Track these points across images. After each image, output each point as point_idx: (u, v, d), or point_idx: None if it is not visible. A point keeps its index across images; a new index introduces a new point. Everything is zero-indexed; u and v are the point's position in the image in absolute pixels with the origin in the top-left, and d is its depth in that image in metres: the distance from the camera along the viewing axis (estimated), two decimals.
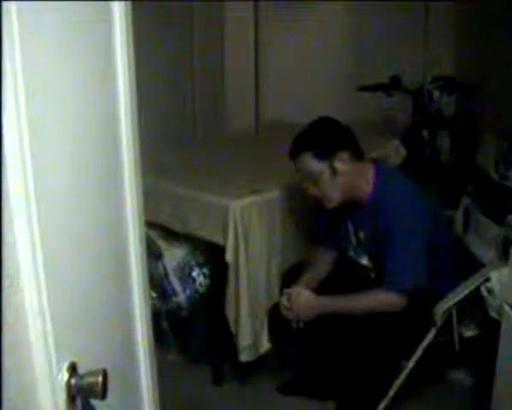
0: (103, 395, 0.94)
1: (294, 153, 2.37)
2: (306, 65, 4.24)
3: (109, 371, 0.96)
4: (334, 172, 2.31)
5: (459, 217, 2.81)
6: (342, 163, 2.31)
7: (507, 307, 1.93)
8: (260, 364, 2.74)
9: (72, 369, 0.91)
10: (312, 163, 2.32)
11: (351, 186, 2.35)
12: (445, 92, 3.51)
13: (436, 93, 3.51)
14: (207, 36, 3.96)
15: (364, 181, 2.37)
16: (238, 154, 3.34)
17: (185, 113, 3.95)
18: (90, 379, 0.93)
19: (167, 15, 3.48)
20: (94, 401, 0.97)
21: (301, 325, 2.45)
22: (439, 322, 2.31)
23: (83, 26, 1.05)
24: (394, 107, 3.75)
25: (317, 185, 2.35)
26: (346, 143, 2.35)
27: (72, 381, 0.91)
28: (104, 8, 1.16)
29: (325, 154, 2.31)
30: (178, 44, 3.79)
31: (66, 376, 0.90)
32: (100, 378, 0.93)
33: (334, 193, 2.34)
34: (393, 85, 3.55)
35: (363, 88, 3.60)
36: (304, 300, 2.44)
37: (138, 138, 1.33)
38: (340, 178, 2.32)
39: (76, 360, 0.93)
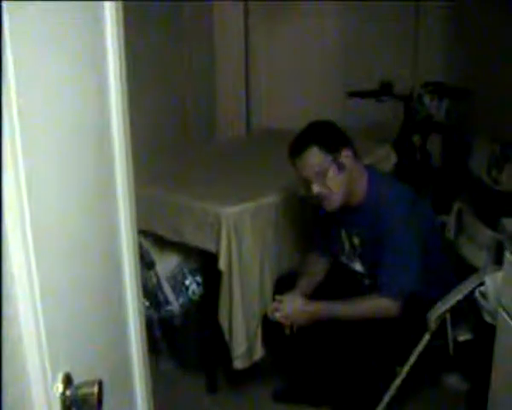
0: (99, 406, 0.93)
1: (300, 149, 2.32)
2: (297, 71, 4.24)
3: (104, 381, 0.95)
4: (340, 166, 2.29)
5: (451, 221, 2.81)
6: (348, 159, 2.31)
7: (502, 312, 1.93)
8: (254, 371, 2.73)
9: (67, 380, 0.90)
10: (320, 156, 2.29)
11: (351, 186, 2.34)
12: (435, 97, 3.52)
13: (427, 98, 3.52)
14: (198, 42, 3.96)
15: (359, 185, 2.36)
16: (230, 161, 3.33)
17: (176, 120, 3.93)
18: (86, 390, 0.92)
19: (157, 21, 3.46)
20: None
21: (295, 330, 2.45)
22: (433, 326, 2.31)
23: (74, 31, 1.04)
24: (385, 112, 3.76)
25: (323, 181, 2.30)
26: (349, 141, 2.35)
27: (67, 392, 0.90)
28: (95, 12, 1.15)
29: (332, 147, 2.29)
30: (168, 51, 3.78)
31: (60, 387, 0.89)
32: (95, 389, 0.92)
33: (338, 190, 2.32)
34: (384, 91, 3.56)
35: (354, 94, 3.60)
36: (298, 306, 2.44)
37: (130, 146, 1.33)
38: (346, 175, 2.30)
39: (71, 370, 0.92)
